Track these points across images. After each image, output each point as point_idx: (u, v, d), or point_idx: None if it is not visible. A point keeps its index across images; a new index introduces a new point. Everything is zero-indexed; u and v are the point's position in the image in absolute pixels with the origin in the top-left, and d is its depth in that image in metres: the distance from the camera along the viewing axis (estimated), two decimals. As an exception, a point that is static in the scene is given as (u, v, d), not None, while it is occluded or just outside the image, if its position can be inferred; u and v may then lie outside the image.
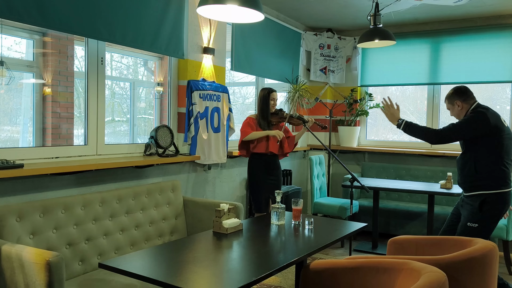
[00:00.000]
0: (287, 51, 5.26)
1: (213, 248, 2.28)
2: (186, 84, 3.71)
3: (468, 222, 3.05)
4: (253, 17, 2.58)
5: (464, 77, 5.13)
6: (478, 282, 2.07)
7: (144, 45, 3.28)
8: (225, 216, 2.55)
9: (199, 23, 3.80)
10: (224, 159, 4.04)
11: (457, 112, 3.22)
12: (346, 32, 5.89)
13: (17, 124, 4.80)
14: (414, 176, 5.33)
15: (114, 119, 6.34)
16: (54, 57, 4.76)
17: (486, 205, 3.01)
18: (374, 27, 4.14)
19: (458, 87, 3.24)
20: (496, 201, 3.02)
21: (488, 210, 3.01)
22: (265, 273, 1.87)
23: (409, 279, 1.81)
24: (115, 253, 2.85)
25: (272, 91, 3.88)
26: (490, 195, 3.01)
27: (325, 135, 5.78)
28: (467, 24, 5.16)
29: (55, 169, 2.60)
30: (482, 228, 3.02)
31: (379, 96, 5.90)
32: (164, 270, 1.91)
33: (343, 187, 4.74)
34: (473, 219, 3.04)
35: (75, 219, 2.65)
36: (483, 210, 3.01)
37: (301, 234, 2.57)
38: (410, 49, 5.46)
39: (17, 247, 2.09)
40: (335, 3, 4.68)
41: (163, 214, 3.27)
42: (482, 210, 3.02)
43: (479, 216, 3.02)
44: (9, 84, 4.31)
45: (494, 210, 3.02)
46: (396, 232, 4.93)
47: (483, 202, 3.02)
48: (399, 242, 2.59)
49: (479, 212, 3.03)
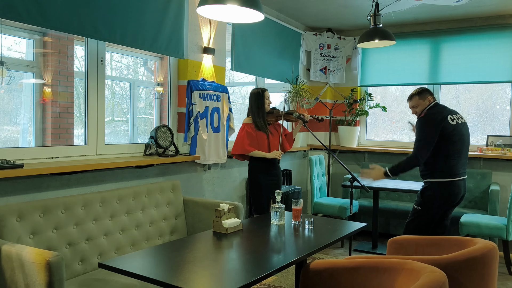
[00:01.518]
0: (287, 51, 5.26)
1: (213, 248, 2.28)
2: (186, 84, 3.71)
3: (414, 204, 3.52)
4: (253, 17, 2.58)
5: (464, 77, 5.13)
6: (478, 282, 2.08)
7: (144, 45, 3.28)
8: (225, 216, 2.55)
9: (199, 23, 3.80)
10: (224, 159, 4.05)
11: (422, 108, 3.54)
12: (346, 32, 5.89)
13: (17, 124, 4.80)
14: (414, 176, 5.33)
15: (114, 119, 6.34)
16: (54, 57, 4.76)
17: (428, 191, 3.43)
18: (374, 27, 4.14)
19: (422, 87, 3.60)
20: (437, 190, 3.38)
21: (427, 196, 3.41)
22: (265, 273, 1.87)
23: (409, 279, 1.81)
24: (115, 253, 2.86)
25: (264, 90, 3.85)
26: (431, 183, 3.42)
27: (325, 135, 5.78)
28: (467, 24, 5.16)
29: (55, 169, 2.60)
30: (424, 213, 3.42)
31: (379, 96, 5.90)
32: (164, 270, 1.91)
33: (343, 187, 4.74)
34: (417, 202, 3.50)
35: (75, 219, 2.65)
36: (424, 196, 3.44)
37: (301, 234, 2.57)
38: (410, 49, 5.46)
39: (17, 247, 2.09)
40: (335, 3, 4.68)
41: (163, 214, 3.27)
42: (423, 195, 3.45)
43: (420, 200, 3.46)
44: (9, 84, 4.31)
45: (434, 198, 3.39)
46: (396, 232, 4.93)
47: (426, 188, 3.45)
48: (399, 242, 2.59)
49: (421, 197, 3.46)
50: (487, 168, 4.97)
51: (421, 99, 3.50)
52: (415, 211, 3.49)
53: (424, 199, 3.43)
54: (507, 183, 4.85)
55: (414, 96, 3.54)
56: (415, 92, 3.55)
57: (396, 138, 5.82)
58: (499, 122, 5.13)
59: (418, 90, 3.55)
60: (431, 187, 3.41)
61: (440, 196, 3.39)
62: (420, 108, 3.51)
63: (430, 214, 3.43)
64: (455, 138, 3.37)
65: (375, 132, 5.97)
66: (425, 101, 3.49)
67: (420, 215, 3.45)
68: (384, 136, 5.92)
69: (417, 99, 3.51)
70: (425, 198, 3.43)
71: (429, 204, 3.41)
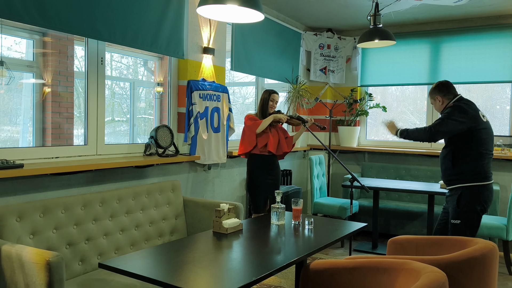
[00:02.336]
0: (287, 51, 5.26)
1: (213, 248, 2.28)
2: (186, 84, 3.71)
3: (452, 219, 3.10)
4: (253, 17, 2.58)
5: (464, 77, 5.13)
6: (478, 282, 2.07)
7: (144, 45, 3.28)
8: (225, 216, 2.55)
9: (199, 23, 3.80)
10: (224, 159, 4.05)
11: (439, 106, 3.28)
12: (346, 32, 5.89)
13: (17, 124, 4.80)
14: (414, 176, 5.33)
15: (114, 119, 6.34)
16: (54, 57, 4.76)
17: (463, 200, 3.04)
18: (374, 27, 4.14)
19: (440, 82, 3.30)
20: (471, 195, 3.03)
21: (465, 205, 3.03)
22: (265, 273, 1.87)
23: (409, 279, 1.81)
24: (115, 253, 2.86)
25: (273, 93, 3.90)
26: (465, 189, 3.04)
27: (325, 135, 5.78)
28: (467, 24, 5.16)
29: (55, 169, 2.60)
30: (465, 224, 3.04)
31: (379, 96, 5.90)
32: (164, 270, 1.91)
33: (343, 187, 4.73)
34: (454, 216, 3.09)
35: (75, 219, 2.65)
36: (461, 206, 3.05)
37: (301, 234, 2.57)
38: (410, 49, 5.46)
39: (17, 247, 2.09)
40: (335, 3, 4.68)
41: (163, 214, 3.27)
42: (459, 206, 3.05)
43: (458, 212, 3.06)
44: (9, 84, 4.31)
45: (471, 205, 3.03)
46: (396, 232, 4.93)
47: (460, 197, 3.05)
48: (399, 242, 2.59)
49: (458, 207, 3.06)
50: (487, 168, 4.96)
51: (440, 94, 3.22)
52: (455, 227, 3.05)
53: (462, 209, 3.03)
54: (507, 183, 4.85)
55: (433, 90, 3.26)
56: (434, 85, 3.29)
57: (396, 138, 5.79)
58: (499, 122, 5.13)
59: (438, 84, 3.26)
60: (465, 194, 3.03)
61: (478, 202, 3.01)
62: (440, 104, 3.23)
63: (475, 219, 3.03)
64: (487, 136, 3.09)
65: (375, 132, 5.97)
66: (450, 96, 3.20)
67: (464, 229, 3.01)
68: (384, 136, 5.92)
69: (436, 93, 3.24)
70: (462, 207, 3.03)
71: (469, 213, 3.02)
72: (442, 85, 3.26)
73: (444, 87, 3.25)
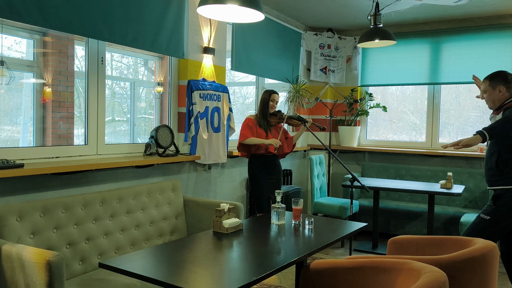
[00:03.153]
0: (287, 51, 5.26)
1: (213, 248, 2.28)
2: (186, 84, 3.71)
3: (482, 213, 3.03)
4: (253, 17, 2.58)
5: (464, 77, 5.13)
6: (478, 282, 2.07)
7: (145, 45, 3.28)
8: (225, 216, 2.55)
9: (199, 23, 3.80)
10: (224, 159, 4.05)
11: (495, 97, 3.04)
12: (346, 32, 5.89)
13: (17, 124, 4.81)
14: (414, 176, 5.33)
15: (114, 119, 6.34)
16: (55, 56, 4.76)
17: (501, 200, 2.97)
18: (374, 27, 4.14)
19: (505, 71, 3.05)
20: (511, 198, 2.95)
21: (501, 205, 2.97)
22: (265, 273, 1.87)
23: (409, 279, 1.81)
24: (115, 253, 2.86)
25: (273, 93, 3.91)
26: (506, 190, 2.96)
27: (325, 135, 5.78)
28: (467, 24, 5.16)
29: (55, 169, 2.60)
30: (493, 223, 2.97)
31: (379, 96, 5.90)
32: (164, 270, 1.91)
33: (343, 187, 4.73)
34: (486, 211, 3.02)
35: (75, 219, 2.65)
36: (497, 204, 2.99)
37: (301, 234, 2.57)
38: (410, 49, 5.46)
39: (17, 247, 2.09)
40: (335, 3, 4.68)
41: (163, 214, 3.28)
42: (495, 204, 2.99)
43: (491, 209, 3.00)
44: (9, 84, 4.31)
45: (507, 206, 2.96)
46: (396, 232, 4.94)
47: (498, 196, 2.99)
48: (399, 242, 2.59)
49: (493, 204, 3.00)
50: (487, 168, 4.96)
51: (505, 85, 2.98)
52: (481, 221, 3.01)
53: (497, 208, 2.98)
54: (507, 183, 4.85)
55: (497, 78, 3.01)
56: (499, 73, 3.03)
57: (396, 138, 5.82)
58: (499, 122, 5.12)
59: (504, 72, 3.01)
60: (506, 196, 2.97)
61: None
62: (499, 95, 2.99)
63: (501, 226, 2.99)
64: None
65: (375, 132, 5.97)
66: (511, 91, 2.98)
67: (489, 227, 2.97)
68: (384, 136, 5.92)
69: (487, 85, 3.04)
70: (498, 206, 2.98)
71: (502, 213, 2.97)
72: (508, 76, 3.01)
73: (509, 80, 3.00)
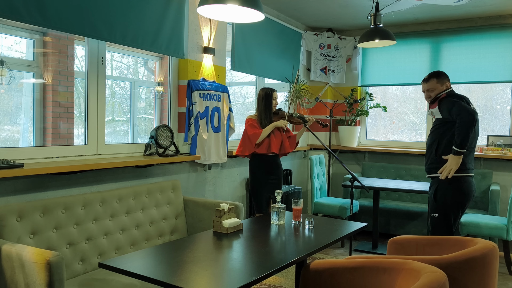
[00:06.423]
0: (288, 51, 5.25)
1: (213, 248, 2.28)
2: (186, 84, 3.71)
3: (430, 212, 3.06)
4: (253, 17, 2.58)
5: (464, 77, 5.13)
6: (478, 282, 2.07)
7: (145, 45, 3.28)
8: (225, 216, 2.55)
9: (199, 23, 3.80)
10: (224, 159, 4.05)
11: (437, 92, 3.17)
12: (346, 32, 5.89)
13: (17, 123, 4.80)
14: (414, 176, 5.33)
15: (114, 118, 6.34)
16: (55, 56, 4.76)
17: (439, 192, 2.99)
18: (374, 27, 4.14)
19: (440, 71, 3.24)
20: (448, 188, 2.97)
21: (441, 198, 2.98)
22: (265, 273, 1.87)
23: (409, 279, 1.81)
24: (115, 253, 2.86)
25: (273, 90, 3.90)
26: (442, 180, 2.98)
27: (325, 135, 5.78)
28: (467, 24, 5.16)
29: (55, 169, 2.60)
30: (443, 218, 2.98)
31: (380, 96, 5.90)
32: (164, 270, 1.91)
33: (343, 187, 4.73)
34: (432, 209, 3.05)
35: (75, 219, 2.65)
36: (437, 199, 3.01)
37: (301, 234, 2.57)
38: (410, 49, 5.46)
39: (17, 247, 2.09)
40: (335, 3, 4.68)
41: (163, 214, 3.28)
42: (436, 199, 3.01)
43: (435, 205, 3.02)
44: (9, 83, 4.31)
45: (447, 198, 2.97)
46: (396, 232, 4.93)
47: (436, 190, 3.01)
48: (399, 242, 2.59)
49: (435, 201, 3.03)
50: (487, 168, 4.96)
51: (438, 83, 3.13)
52: (434, 220, 3.00)
53: (438, 203, 2.99)
54: (508, 183, 4.85)
55: (431, 79, 3.16)
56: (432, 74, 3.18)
57: (396, 138, 5.82)
58: (499, 122, 5.13)
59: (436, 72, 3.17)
60: (441, 187, 2.99)
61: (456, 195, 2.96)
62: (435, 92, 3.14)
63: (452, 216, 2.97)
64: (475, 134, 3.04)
65: (376, 132, 5.97)
66: (443, 86, 3.13)
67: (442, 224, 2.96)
68: (384, 136, 5.92)
69: (435, 82, 3.15)
70: (439, 200, 2.99)
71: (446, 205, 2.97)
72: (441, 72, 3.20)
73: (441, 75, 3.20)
